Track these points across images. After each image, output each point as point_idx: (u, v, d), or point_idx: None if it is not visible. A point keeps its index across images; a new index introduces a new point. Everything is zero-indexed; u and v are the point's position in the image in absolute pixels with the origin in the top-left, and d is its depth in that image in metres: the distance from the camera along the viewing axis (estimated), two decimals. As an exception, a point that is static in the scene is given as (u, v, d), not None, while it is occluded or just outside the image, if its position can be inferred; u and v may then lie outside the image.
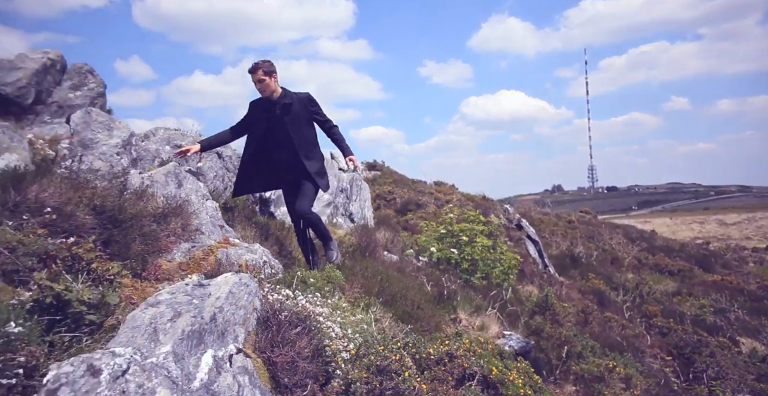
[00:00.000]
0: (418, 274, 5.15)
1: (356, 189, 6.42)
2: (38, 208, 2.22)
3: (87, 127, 3.11)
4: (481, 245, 5.68)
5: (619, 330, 6.30)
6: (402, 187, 16.81)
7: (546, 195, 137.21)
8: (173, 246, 2.73)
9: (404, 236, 8.55)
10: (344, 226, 5.80)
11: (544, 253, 11.89)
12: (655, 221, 48.49)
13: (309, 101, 3.52)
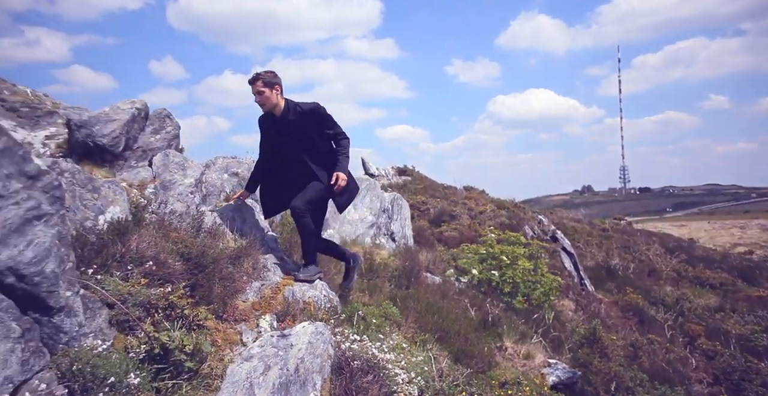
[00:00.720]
0: (461, 297, 5.25)
1: (397, 208, 6.57)
2: (139, 258, 2.46)
3: (166, 169, 3.36)
4: (522, 268, 5.73)
5: (662, 353, 6.22)
6: (433, 192, 16.86)
7: (575, 196, 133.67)
8: (246, 286, 2.95)
9: (440, 251, 8.64)
10: (387, 246, 5.96)
11: (579, 266, 11.72)
12: (692, 225, 46.61)
13: (315, 114, 3.24)
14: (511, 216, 12.94)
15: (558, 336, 5.02)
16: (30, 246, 1.82)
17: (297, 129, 3.20)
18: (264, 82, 3.11)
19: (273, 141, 3.31)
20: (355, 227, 5.70)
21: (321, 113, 3.25)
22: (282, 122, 3.22)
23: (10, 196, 1.79)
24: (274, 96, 3.15)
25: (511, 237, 6.52)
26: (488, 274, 5.66)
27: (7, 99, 2.96)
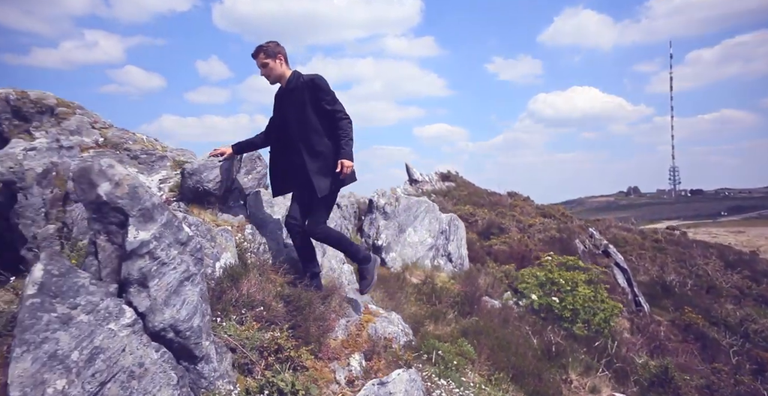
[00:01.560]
0: (521, 323, 5.32)
1: (453, 228, 6.69)
2: (250, 302, 2.75)
3: (258, 208, 3.67)
4: (582, 294, 5.71)
5: (731, 385, 6.01)
6: (477, 199, 16.76)
7: (620, 197, 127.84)
8: (335, 324, 3.19)
9: (493, 268, 8.67)
10: (445, 268, 6.10)
11: (633, 282, 11.37)
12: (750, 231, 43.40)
13: (314, 85, 3.02)
14: (561, 228, 12.70)
15: (623, 367, 4.99)
16: (183, 305, 2.11)
17: (297, 102, 3.04)
18: (266, 53, 3.01)
19: (278, 114, 3.18)
20: (415, 250, 5.88)
21: (320, 85, 3.02)
22: (286, 92, 3.11)
23: (170, 263, 2.09)
24: (278, 66, 3.04)
25: (569, 261, 6.49)
26: (548, 300, 5.69)
27: (131, 148, 3.34)
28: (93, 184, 1.89)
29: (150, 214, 2.05)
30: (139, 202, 2.01)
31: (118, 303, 1.92)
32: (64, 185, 3.03)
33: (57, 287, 1.72)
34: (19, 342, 1.56)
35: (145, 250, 2.00)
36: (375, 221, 5.63)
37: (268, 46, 3.04)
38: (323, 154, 3.05)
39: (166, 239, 2.10)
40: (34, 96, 3.03)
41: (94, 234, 1.95)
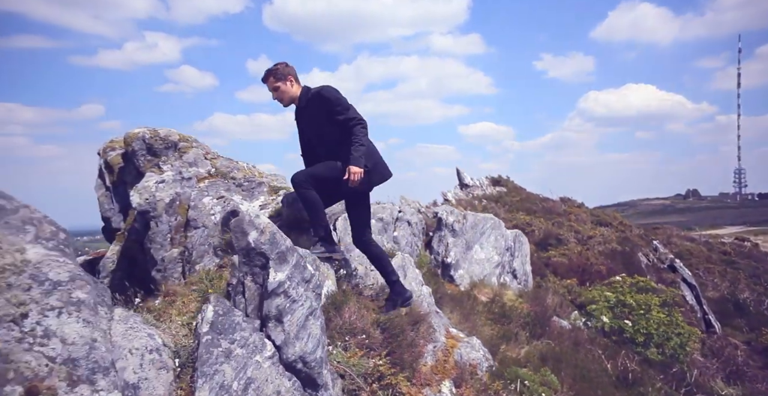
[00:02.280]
0: (593, 346, 5.26)
1: (518, 244, 6.68)
2: (352, 329, 2.97)
3: (346, 232, 3.89)
4: (656, 319, 5.55)
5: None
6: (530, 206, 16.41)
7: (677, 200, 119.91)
8: (424, 349, 3.35)
9: (554, 283, 8.55)
10: (511, 286, 6.12)
11: (702, 299, 10.76)
12: (833, 242, 39.26)
13: (321, 99, 2.98)
14: (622, 241, 12.23)
15: (702, 399, 4.82)
16: (309, 338, 2.35)
17: (309, 117, 3.04)
18: (275, 76, 2.98)
19: (300, 132, 3.20)
20: (482, 267, 5.95)
21: (327, 97, 2.96)
22: (300, 110, 3.10)
23: (299, 299, 2.33)
24: (290, 88, 3.01)
25: (640, 282, 6.31)
26: (620, 323, 5.58)
27: (235, 176, 3.66)
28: (245, 233, 2.15)
29: (284, 256, 2.29)
30: (276, 247, 2.26)
31: (261, 337, 2.17)
32: (185, 213, 3.39)
33: (221, 325, 1.99)
34: (200, 374, 1.83)
35: (281, 290, 2.24)
36: (444, 238, 5.76)
37: (277, 69, 2.99)
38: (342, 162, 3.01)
39: (296, 278, 2.33)
40: (162, 133, 3.40)
41: (243, 275, 2.21)
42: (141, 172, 3.36)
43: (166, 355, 1.82)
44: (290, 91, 3.03)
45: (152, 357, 1.74)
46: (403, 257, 4.22)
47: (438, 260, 5.70)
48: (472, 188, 18.54)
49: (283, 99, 3.05)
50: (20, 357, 1.28)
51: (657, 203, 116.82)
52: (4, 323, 1.29)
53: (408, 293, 3.32)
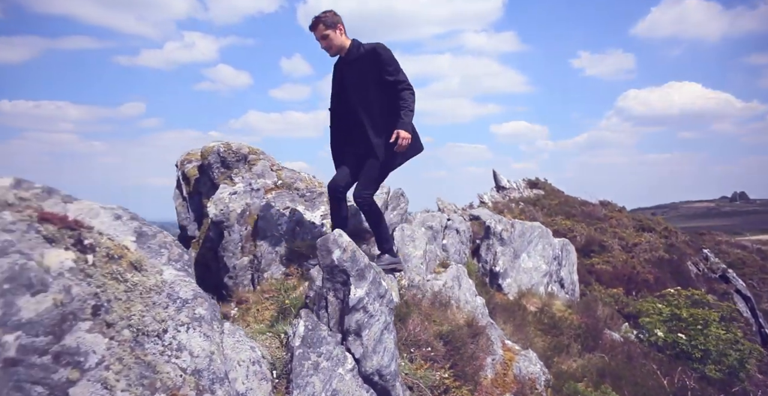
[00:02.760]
0: (647, 361, 5.13)
1: (565, 253, 6.58)
2: (416, 341, 3.05)
3: (403, 242, 3.98)
4: (715, 335, 5.35)
5: None
6: (569, 209, 16.02)
7: (723, 203, 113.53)
8: (484, 362, 3.39)
9: (599, 291, 8.35)
10: (559, 295, 6.05)
11: (758, 312, 10.23)
12: None
13: (376, 55, 2.87)
14: (670, 248, 11.77)
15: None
16: (385, 351, 2.44)
17: (358, 72, 2.92)
18: (325, 24, 2.86)
19: (338, 85, 3.05)
20: (529, 276, 5.90)
21: (383, 54, 2.87)
22: (346, 62, 2.97)
23: (376, 314, 2.42)
24: (338, 36, 2.90)
25: (695, 294, 6.09)
26: (675, 337, 5.41)
27: (299, 187, 3.80)
28: (329, 251, 2.26)
29: (363, 273, 2.39)
30: (357, 264, 2.36)
31: (343, 350, 2.28)
32: (254, 223, 3.56)
33: (310, 339, 2.11)
34: (294, 385, 1.95)
35: (360, 305, 2.34)
36: (492, 247, 5.75)
37: (326, 16, 2.88)
38: (385, 125, 2.92)
39: (373, 294, 2.43)
40: (234, 147, 3.58)
41: (326, 291, 2.32)
42: (215, 184, 3.55)
43: (265, 366, 1.95)
44: (339, 39, 2.91)
45: (255, 368, 1.87)
46: (457, 268, 4.26)
47: (486, 269, 5.70)
48: (509, 191, 18.27)
49: (331, 47, 2.92)
50: (163, 368, 1.42)
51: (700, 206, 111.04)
52: (151, 337, 1.43)
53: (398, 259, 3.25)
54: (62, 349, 1.20)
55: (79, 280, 1.31)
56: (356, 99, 2.93)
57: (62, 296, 1.24)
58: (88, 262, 1.36)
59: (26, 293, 1.18)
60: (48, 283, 1.22)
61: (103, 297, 1.35)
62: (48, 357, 1.18)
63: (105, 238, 1.44)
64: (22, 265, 1.19)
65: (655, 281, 9.52)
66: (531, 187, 19.53)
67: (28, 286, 1.19)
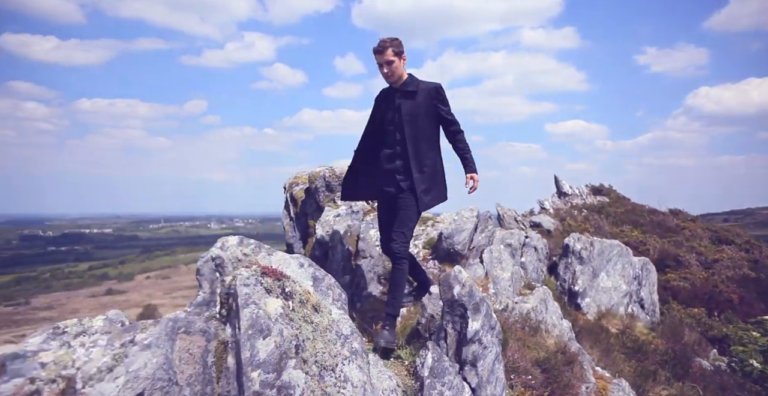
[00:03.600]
0: (742, 393, 4.88)
1: (645, 273, 6.35)
2: (515, 368, 3.15)
3: (491, 265, 4.07)
4: (821, 370, 4.97)
5: None
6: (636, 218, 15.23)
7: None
8: (579, 390, 3.42)
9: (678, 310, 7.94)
10: (640, 317, 5.86)
11: None
12: None
13: (437, 94, 2.91)
14: (756, 266, 10.88)
15: None
16: (497, 381, 2.57)
17: (412, 106, 2.87)
18: (394, 51, 2.82)
19: (381, 115, 2.98)
20: (609, 296, 5.77)
21: (444, 95, 2.93)
22: (399, 93, 2.91)
23: (489, 346, 2.56)
24: (402, 66, 2.89)
25: (795, 323, 5.66)
26: (773, 370, 5.09)
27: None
28: (451, 287, 2.43)
29: (478, 307, 2.53)
30: (473, 298, 2.51)
31: (460, 380, 2.44)
32: (355, 244, 3.81)
33: (437, 370, 2.29)
34: (425, 415, 2.13)
35: (476, 337, 2.49)
36: (570, 266, 5.68)
37: (394, 43, 2.85)
38: (430, 166, 2.90)
39: (486, 326, 2.56)
40: (338, 171, 3.85)
41: (445, 323, 2.49)
42: (320, 206, 3.83)
43: (400, 394, 2.15)
44: (401, 68, 2.89)
45: (394, 397, 2.07)
46: (543, 290, 4.29)
47: (564, 287, 5.64)
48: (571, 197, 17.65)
49: (393, 75, 2.88)
50: (337, 400, 1.64)
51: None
52: (328, 371, 1.65)
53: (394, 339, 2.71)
54: (282, 383, 1.45)
55: (286, 323, 1.55)
56: (409, 131, 2.85)
57: (279, 339, 1.49)
58: (290, 308, 1.60)
59: (260, 337, 1.43)
60: (271, 328, 1.47)
61: (300, 337, 1.59)
62: (274, 391, 1.42)
63: (297, 285, 1.68)
64: (257, 314, 1.44)
65: (740, 301, 8.88)
66: (594, 194, 18.73)
67: (261, 331, 1.44)
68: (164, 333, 1.33)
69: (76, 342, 1.52)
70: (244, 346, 1.37)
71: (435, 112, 2.91)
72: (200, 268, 1.53)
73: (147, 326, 1.33)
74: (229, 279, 1.50)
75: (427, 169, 2.89)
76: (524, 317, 3.77)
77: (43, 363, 1.18)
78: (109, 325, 1.62)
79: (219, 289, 1.51)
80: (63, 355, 1.21)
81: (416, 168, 2.84)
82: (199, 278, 1.52)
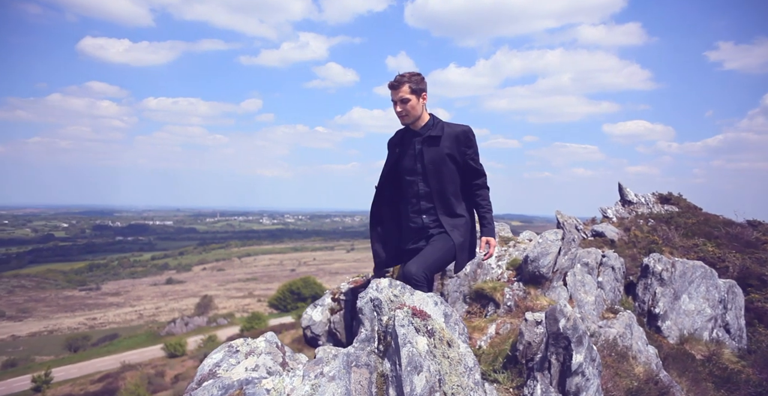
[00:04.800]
0: None
1: (731, 296, 6.02)
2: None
3: (575, 288, 4.07)
4: None
5: None
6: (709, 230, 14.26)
7: None
8: (671, 421, 3.38)
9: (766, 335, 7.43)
10: (727, 343, 5.58)
11: None
12: None
13: (466, 139, 2.51)
14: None
15: None
16: (598, 413, 2.63)
17: (436, 153, 2.50)
18: (411, 87, 2.48)
19: (397, 162, 2.62)
20: (692, 320, 5.54)
21: (473, 140, 2.53)
22: (418, 138, 2.55)
23: (590, 378, 2.62)
24: (420, 106, 2.52)
25: None
26: None
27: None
28: (556, 320, 2.52)
29: (581, 339, 2.60)
30: (577, 332, 2.58)
31: (564, 410, 2.53)
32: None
33: (544, 401, 2.39)
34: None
35: (580, 370, 2.56)
36: (650, 287, 5.52)
37: (414, 78, 2.50)
38: (463, 219, 2.56)
39: (588, 358, 2.63)
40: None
41: (550, 354, 2.59)
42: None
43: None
44: (418, 109, 2.53)
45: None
46: (629, 316, 4.23)
47: (643, 309, 5.49)
48: (636, 206, 16.84)
49: (408, 115, 2.52)
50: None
51: None
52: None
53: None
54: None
55: (431, 359, 1.73)
56: (435, 184, 2.51)
57: (428, 374, 1.67)
58: (433, 345, 1.78)
59: (415, 373, 1.62)
60: (422, 364, 1.66)
61: (441, 372, 1.77)
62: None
63: (436, 323, 1.86)
64: (412, 352, 1.63)
65: (836, 328, 8.11)
66: (662, 202, 17.75)
67: (416, 368, 1.62)
68: (342, 366, 1.55)
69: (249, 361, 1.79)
70: (405, 381, 1.56)
71: (463, 160, 2.54)
72: (362, 308, 1.74)
73: (329, 360, 1.55)
74: (385, 319, 1.69)
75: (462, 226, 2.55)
76: (611, 343, 3.76)
77: (267, 389, 1.43)
78: (268, 346, 1.89)
79: (377, 326, 1.72)
80: (278, 383, 1.45)
81: (450, 228, 2.51)
82: (361, 317, 1.73)
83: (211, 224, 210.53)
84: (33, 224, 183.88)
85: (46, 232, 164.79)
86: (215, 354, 1.83)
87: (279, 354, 1.91)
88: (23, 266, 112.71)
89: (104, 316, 61.05)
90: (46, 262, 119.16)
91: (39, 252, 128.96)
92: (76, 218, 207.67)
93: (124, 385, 26.02)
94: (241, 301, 60.55)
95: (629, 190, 17.85)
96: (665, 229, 14.22)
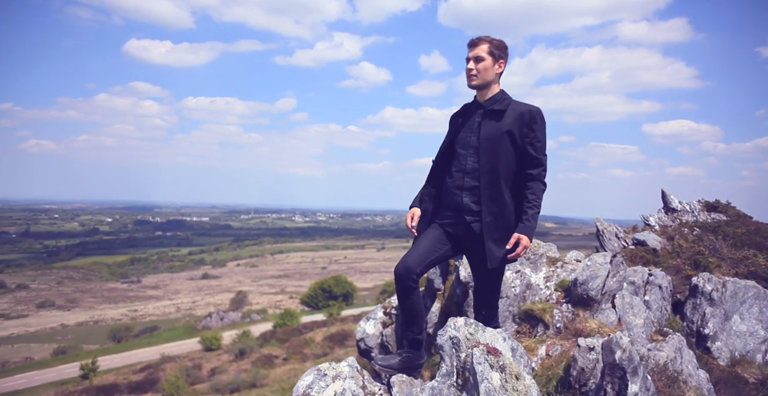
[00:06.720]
0: None
1: (786, 317, 5.84)
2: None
3: (624, 310, 4.13)
4: None
5: None
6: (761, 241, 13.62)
7: None
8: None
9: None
10: (780, 367, 5.44)
11: None
12: None
13: (532, 119, 2.25)
14: None
15: None
16: (652, 442, 2.72)
17: (495, 129, 2.25)
18: (491, 48, 2.26)
19: (455, 136, 2.39)
20: (743, 341, 5.43)
21: (540, 122, 2.26)
22: (481, 110, 2.33)
23: (644, 407, 2.72)
24: (493, 71, 2.28)
25: None
26: None
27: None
28: (612, 351, 2.64)
29: (636, 370, 2.70)
30: (632, 362, 2.69)
31: (619, 437, 2.64)
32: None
33: (601, 429, 2.52)
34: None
35: (635, 399, 2.67)
36: (699, 307, 5.45)
37: (495, 42, 2.30)
38: (506, 208, 2.26)
39: (643, 388, 2.73)
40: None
41: (605, 383, 2.71)
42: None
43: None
44: (491, 74, 2.29)
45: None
46: (678, 339, 4.24)
47: (692, 329, 5.43)
48: (680, 213, 16.24)
49: (477, 75, 2.28)
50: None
51: None
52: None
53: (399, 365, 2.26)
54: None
55: (503, 393, 1.91)
56: (486, 161, 2.24)
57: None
58: (504, 380, 1.96)
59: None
60: (496, 401, 1.83)
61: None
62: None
63: (506, 359, 2.04)
64: (488, 388, 1.81)
65: None
66: (708, 210, 17.00)
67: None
68: (430, 399, 1.76)
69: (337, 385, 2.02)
70: (482, 414, 1.74)
71: (522, 142, 2.25)
72: (443, 345, 1.95)
73: (418, 393, 1.76)
74: (463, 355, 1.89)
75: (504, 215, 2.25)
76: (661, 368, 3.79)
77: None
78: (350, 370, 2.11)
79: (455, 362, 1.91)
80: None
81: (487, 211, 2.21)
82: (442, 353, 1.93)
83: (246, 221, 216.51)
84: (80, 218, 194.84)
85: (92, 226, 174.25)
86: (306, 376, 2.07)
87: (360, 378, 2.13)
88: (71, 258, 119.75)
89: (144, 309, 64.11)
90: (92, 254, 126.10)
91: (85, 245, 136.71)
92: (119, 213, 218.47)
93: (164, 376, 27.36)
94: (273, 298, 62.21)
95: (673, 197, 17.22)
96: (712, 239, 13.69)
